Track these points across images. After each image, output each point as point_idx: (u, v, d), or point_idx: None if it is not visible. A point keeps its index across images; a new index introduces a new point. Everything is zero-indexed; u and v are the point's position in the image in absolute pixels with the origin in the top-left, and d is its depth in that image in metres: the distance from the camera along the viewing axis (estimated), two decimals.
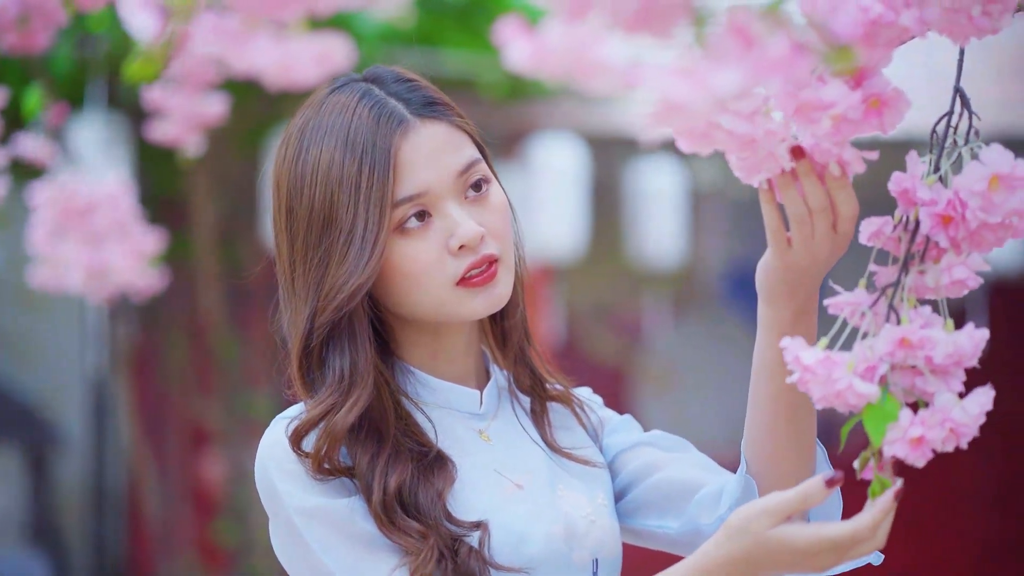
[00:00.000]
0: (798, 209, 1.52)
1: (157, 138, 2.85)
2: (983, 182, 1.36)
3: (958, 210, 1.38)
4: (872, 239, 1.43)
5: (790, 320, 1.61)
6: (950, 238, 1.39)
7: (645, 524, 1.84)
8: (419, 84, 1.78)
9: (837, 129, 1.37)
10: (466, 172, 1.74)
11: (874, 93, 1.39)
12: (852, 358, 1.35)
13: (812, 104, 1.35)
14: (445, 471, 1.71)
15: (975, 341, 1.37)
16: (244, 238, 6.57)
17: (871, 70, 1.39)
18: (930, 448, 1.36)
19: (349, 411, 1.68)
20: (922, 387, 1.39)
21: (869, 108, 1.39)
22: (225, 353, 6.43)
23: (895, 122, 1.41)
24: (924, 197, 1.39)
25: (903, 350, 1.36)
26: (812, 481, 1.50)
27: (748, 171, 1.44)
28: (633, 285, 7.99)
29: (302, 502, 1.67)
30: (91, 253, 3.18)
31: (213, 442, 6.77)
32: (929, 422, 1.36)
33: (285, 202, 1.75)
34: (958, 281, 1.41)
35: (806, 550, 1.50)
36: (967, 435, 1.37)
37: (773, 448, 1.70)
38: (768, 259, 1.60)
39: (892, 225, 1.42)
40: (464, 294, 1.72)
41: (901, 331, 1.36)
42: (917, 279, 1.41)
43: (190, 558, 6.54)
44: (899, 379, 1.39)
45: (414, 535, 1.65)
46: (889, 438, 1.35)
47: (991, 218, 1.37)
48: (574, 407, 1.90)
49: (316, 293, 1.71)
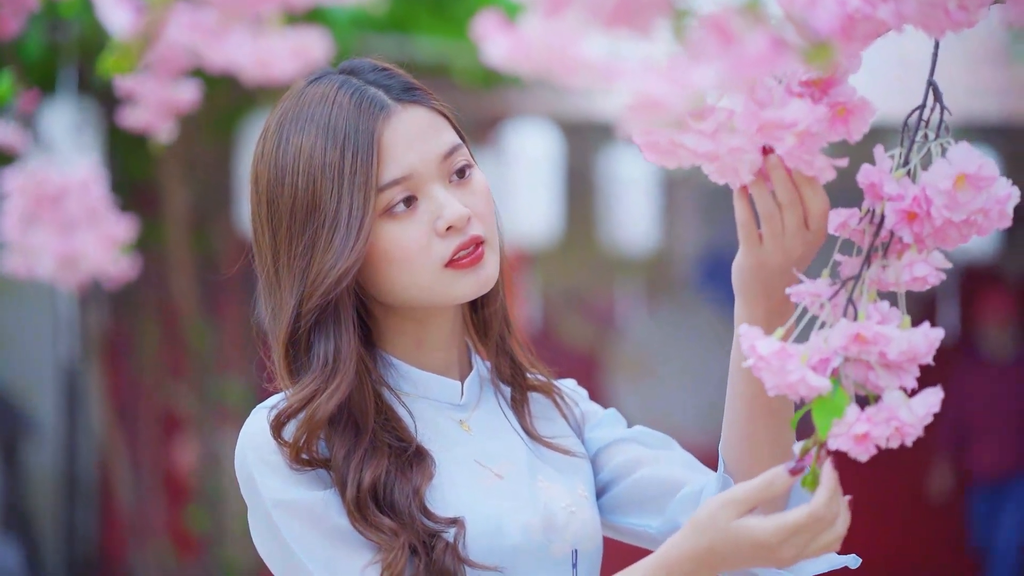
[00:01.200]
0: (767, 204, 1.53)
1: (129, 125, 2.84)
2: (949, 180, 1.37)
3: (923, 207, 1.38)
4: (838, 230, 1.44)
5: (764, 318, 1.61)
6: (914, 234, 1.40)
7: (626, 521, 1.84)
8: (396, 72, 1.78)
9: (802, 143, 1.39)
10: (450, 156, 1.75)
11: (840, 102, 1.42)
12: (806, 350, 1.36)
13: (775, 124, 1.37)
14: (424, 467, 1.71)
15: (930, 339, 1.38)
16: (216, 224, 6.56)
17: (837, 78, 1.41)
18: (874, 444, 1.37)
19: (331, 397, 1.68)
20: (875, 382, 1.39)
21: (835, 116, 1.42)
22: (197, 340, 6.42)
23: (861, 129, 1.44)
24: (891, 192, 1.39)
25: (857, 345, 1.37)
26: (775, 469, 1.50)
27: (719, 176, 1.45)
28: (606, 271, 7.99)
29: (278, 494, 1.66)
30: (62, 240, 3.16)
31: (185, 429, 6.76)
32: (875, 419, 1.37)
33: (265, 194, 1.74)
34: (919, 278, 1.42)
35: (769, 540, 1.50)
36: (912, 434, 1.38)
37: (751, 448, 1.70)
38: (741, 257, 1.60)
39: (859, 217, 1.43)
40: (453, 276, 1.72)
41: (856, 327, 1.36)
42: (879, 273, 1.42)
43: (162, 544, 6.53)
44: (853, 372, 1.40)
45: (386, 532, 1.65)
46: (834, 432, 1.36)
47: (956, 216, 1.38)
48: (555, 397, 1.89)
49: (303, 280, 1.70)
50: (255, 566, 6.51)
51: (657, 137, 1.35)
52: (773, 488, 1.50)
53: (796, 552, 1.50)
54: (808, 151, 1.41)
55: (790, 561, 1.51)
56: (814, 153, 1.41)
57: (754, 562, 1.53)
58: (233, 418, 6.56)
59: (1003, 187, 1.39)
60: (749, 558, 1.53)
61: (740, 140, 1.38)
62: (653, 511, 1.81)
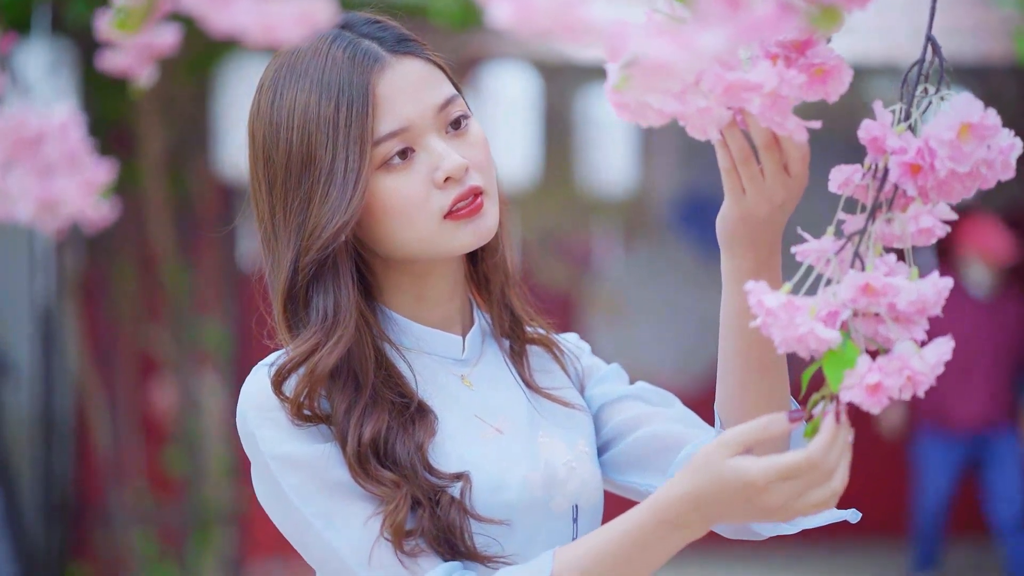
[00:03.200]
0: (742, 148, 1.52)
1: (109, 68, 2.82)
2: (952, 131, 1.36)
3: (927, 159, 1.37)
4: (841, 187, 1.43)
5: (752, 270, 1.60)
6: (919, 187, 1.39)
7: (629, 480, 1.84)
8: (390, 24, 1.77)
9: (772, 104, 1.38)
10: (446, 107, 1.74)
11: (816, 63, 1.41)
12: (815, 303, 1.36)
13: (740, 86, 1.36)
14: (426, 423, 1.71)
15: (939, 289, 1.37)
16: (192, 165, 6.52)
17: (813, 39, 1.41)
18: (886, 395, 1.36)
19: (331, 351, 1.67)
20: (884, 334, 1.39)
21: (813, 77, 1.41)
22: (174, 282, 6.40)
23: (840, 90, 1.43)
24: (894, 145, 1.39)
25: (866, 297, 1.36)
26: (775, 415, 1.48)
27: (691, 131, 1.45)
28: (583, 213, 8.00)
29: (279, 448, 1.66)
30: (42, 184, 3.14)
31: (163, 371, 6.74)
32: (887, 369, 1.36)
33: (262, 151, 1.74)
34: (925, 230, 1.41)
35: (757, 479, 1.46)
36: (924, 383, 1.37)
37: (744, 404, 1.70)
38: (725, 208, 1.60)
39: (861, 173, 1.43)
40: (452, 227, 1.71)
41: (865, 277, 1.36)
42: (884, 227, 1.41)
43: (139, 487, 6.54)
44: (862, 326, 1.39)
45: (388, 484, 1.65)
46: (846, 383, 1.35)
47: (960, 167, 1.37)
48: (554, 351, 1.89)
49: (299, 235, 1.70)
50: (233, 508, 6.53)
51: (626, 97, 1.34)
52: (769, 431, 1.47)
53: (784, 500, 1.46)
54: (779, 112, 1.40)
55: (778, 511, 1.47)
56: (785, 114, 1.41)
57: (742, 506, 1.49)
58: (211, 360, 6.56)
59: (1006, 137, 1.38)
60: (737, 501, 1.48)
61: (707, 101, 1.38)
62: (655, 470, 1.81)
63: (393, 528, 1.63)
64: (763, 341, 1.64)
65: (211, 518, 6.48)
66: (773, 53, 1.42)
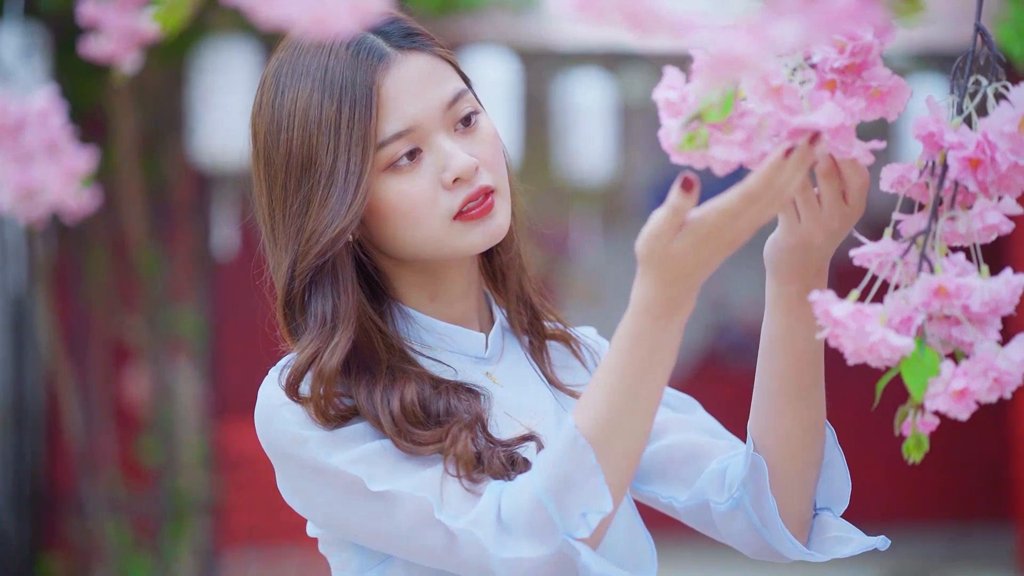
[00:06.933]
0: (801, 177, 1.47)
1: (92, 54, 2.75)
2: (1013, 124, 1.32)
3: (987, 153, 1.33)
4: (895, 186, 1.39)
5: (798, 295, 1.56)
6: (979, 182, 1.34)
7: (651, 490, 1.79)
8: (396, 16, 1.71)
9: (836, 136, 1.36)
10: (454, 104, 1.69)
11: (874, 85, 1.39)
12: (885, 310, 1.30)
13: (804, 130, 1.34)
14: (478, 399, 1.67)
15: (1012, 287, 1.32)
16: (167, 152, 6.44)
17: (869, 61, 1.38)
18: (974, 400, 1.30)
19: (332, 354, 1.62)
20: (959, 337, 1.33)
21: (871, 99, 1.38)
22: (148, 269, 6.32)
23: (899, 109, 1.40)
24: (951, 140, 1.34)
25: (939, 299, 1.31)
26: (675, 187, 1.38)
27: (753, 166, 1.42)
28: (561, 199, 7.96)
29: (318, 435, 1.61)
30: (21, 171, 3.08)
31: (136, 359, 6.67)
32: (972, 372, 1.30)
33: (263, 151, 1.69)
34: (991, 226, 1.36)
35: (725, 212, 1.39)
36: (1012, 384, 1.31)
37: (780, 426, 1.64)
38: (778, 234, 1.55)
39: (917, 171, 1.38)
40: (463, 228, 1.67)
41: (937, 280, 1.31)
42: (947, 226, 1.37)
43: (113, 476, 6.46)
44: (935, 330, 1.34)
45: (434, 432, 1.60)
46: (931, 392, 1.29)
47: (1022, 160, 1.33)
48: (572, 345, 1.84)
49: (297, 239, 1.65)
50: (208, 498, 6.47)
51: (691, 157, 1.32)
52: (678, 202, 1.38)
53: (747, 227, 1.40)
54: (844, 142, 1.37)
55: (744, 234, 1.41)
56: (850, 143, 1.38)
57: (711, 253, 1.42)
58: (185, 348, 6.49)
59: None
60: (704, 252, 1.41)
61: (771, 144, 1.36)
62: (679, 482, 1.76)
63: (459, 460, 1.57)
64: (803, 364, 1.61)
65: (185, 508, 6.41)
66: (829, 80, 1.38)
